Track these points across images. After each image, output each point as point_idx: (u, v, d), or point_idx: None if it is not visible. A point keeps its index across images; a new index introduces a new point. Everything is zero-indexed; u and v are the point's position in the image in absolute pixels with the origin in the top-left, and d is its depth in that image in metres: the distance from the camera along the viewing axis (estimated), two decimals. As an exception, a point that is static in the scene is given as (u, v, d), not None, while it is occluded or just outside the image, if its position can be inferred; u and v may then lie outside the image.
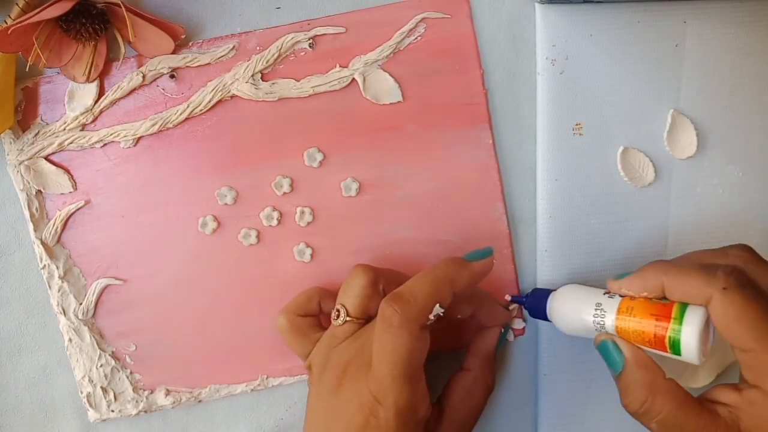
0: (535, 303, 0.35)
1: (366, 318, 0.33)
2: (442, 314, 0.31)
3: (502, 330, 0.38)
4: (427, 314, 0.30)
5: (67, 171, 0.37)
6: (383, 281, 0.33)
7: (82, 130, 0.37)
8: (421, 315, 0.30)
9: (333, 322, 0.33)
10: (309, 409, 0.33)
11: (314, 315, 0.36)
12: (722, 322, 0.28)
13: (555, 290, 0.35)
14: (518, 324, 0.39)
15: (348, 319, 0.33)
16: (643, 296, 0.31)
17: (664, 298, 0.30)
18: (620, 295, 0.32)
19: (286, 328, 0.35)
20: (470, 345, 0.37)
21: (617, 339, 0.31)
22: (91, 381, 0.38)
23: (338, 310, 0.33)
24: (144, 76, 0.36)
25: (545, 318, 0.35)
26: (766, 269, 0.30)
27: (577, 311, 0.33)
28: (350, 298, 0.33)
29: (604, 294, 0.32)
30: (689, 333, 0.29)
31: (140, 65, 0.37)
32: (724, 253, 0.31)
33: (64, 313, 0.38)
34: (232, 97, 0.37)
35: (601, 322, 0.32)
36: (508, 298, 0.38)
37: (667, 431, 0.30)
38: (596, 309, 0.32)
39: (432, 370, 0.33)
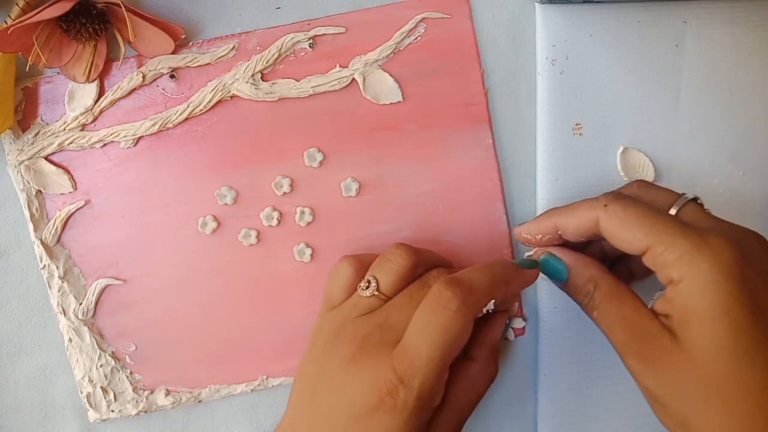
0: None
1: (391, 297, 0.33)
2: (491, 311, 0.31)
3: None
4: (482, 306, 0.30)
5: (67, 171, 0.37)
6: (423, 266, 0.33)
7: (82, 130, 0.37)
8: (477, 305, 0.30)
9: (360, 291, 0.33)
10: (300, 376, 0.32)
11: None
12: (612, 234, 0.30)
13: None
14: (518, 324, 0.39)
15: (376, 293, 0.32)
16: (539, 239, 0.34)
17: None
18: (522, 242, 0.35)
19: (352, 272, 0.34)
20: (475, 334, 0.36)
21: (554, 249, 0.33)
22: (91, 381, 0.38)
23: (369, 282, 0.33)
24: (144, 76, 0.36)
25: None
26: (657, 190, 0.32)
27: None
28: (387, 274, 0.33)
29: None
30: None
31: (140, 65, 0.37)
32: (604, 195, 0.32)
33: (64, 313, 0.38)
34: (232, 97, 0.37)
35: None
36: None
37: (611, 321, 0.30)
38: None
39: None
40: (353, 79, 0.37)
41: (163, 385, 0.38)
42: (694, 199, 0.32)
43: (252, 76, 0.37)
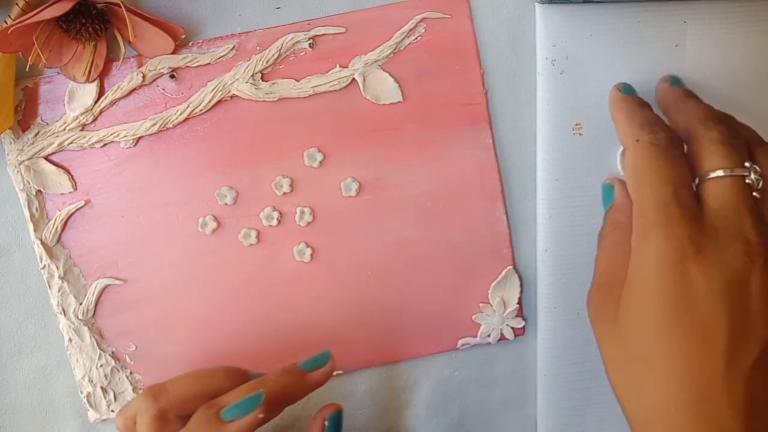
0: None
1: None
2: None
3: (327, 422, 0.34)
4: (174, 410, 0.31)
5: (67, 171, 0.37)
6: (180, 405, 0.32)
7: (82, 130, 0.37)
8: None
9: None
10: None
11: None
12: (626, 165, 0.32)
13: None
14: (518, 324, 0.39)
15: None
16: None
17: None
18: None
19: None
20: None
21: (617, 182, 0.36)
22: (91, 381, 0.38)
23: None
24: (144, 76, 0.36)
25: None
26: (718, 138, 0.31)
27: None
28: None
29: None
30: None
31: (140, 65, 0.37)
32: (721, 119, 0.32)
33: (64, 313, 0.38)
34: (232, 97, 0.37)
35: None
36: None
37: (604, 254, 0.34)
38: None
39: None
40: (353, 79, 0.37)
41: (163, 385, 0.38)
42: (744, 178, 0.30)
43: (252, 76, 0.37)
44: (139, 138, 0.37)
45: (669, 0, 0.37)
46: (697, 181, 0.31)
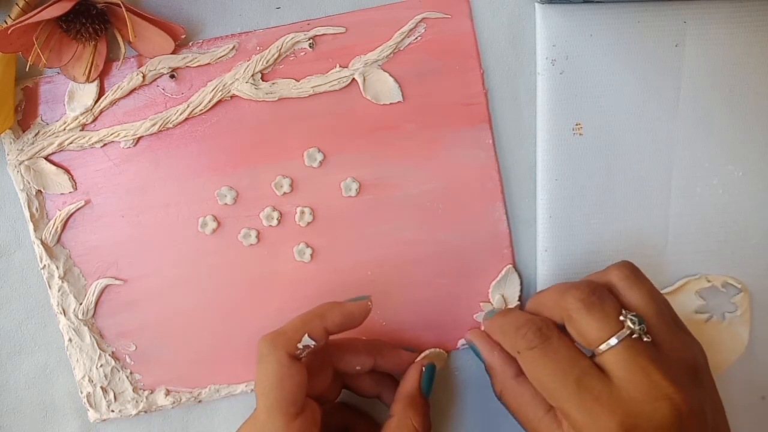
0: None
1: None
2: (312, 346, 0.32)
3: (424, 369, 0.36)
4: (294, 343, 0.31)
5: (67, 171, 0.37)
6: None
7: (82, 130, 0.37)
8: (288, 343, 0.31)
9: None
10: None
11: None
12: (528, 378, 0.32)
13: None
14: (518, 324, 0.39)
15: None
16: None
17: None
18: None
19: None
20: (392, 390, 0.37)
21: (475, 340, 0.37)
22: (91, 381, 0.38)
23: None
24: (144, 76, 0.36)
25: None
26: (632, 287, 0.32)
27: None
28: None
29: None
30: None
31: (140, 65, 0.37)
32: (568, 289, 0.32)
33: (64, 313, 0.38)
34: (232, 97, 0.37)
35: None
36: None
37: (519, 420, 0.33)
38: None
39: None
40: (353, 79, 0.37)
41: (163, 385, 0.38)
42: (631, 334, 0.30)
43: (252, 76, 0.37)
44: (139, 138, 0.37)
45: (669, 0, 0.37)
46: (594, 355, 0.31)
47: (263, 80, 0.37)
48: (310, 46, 0.37)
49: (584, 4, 0.37)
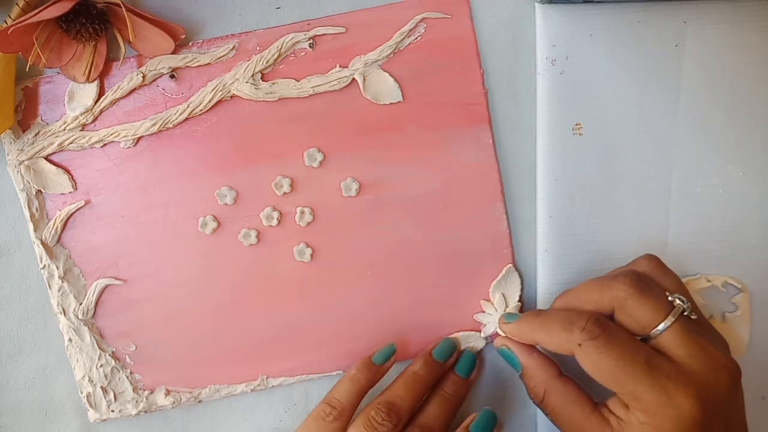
0: None
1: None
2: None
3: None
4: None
5: (67, 171, 0.37)
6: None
7: (82, 130, 0.37)
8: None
9: None
10: None
11: None
12: (588, 370, 0.32)
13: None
14: (518, 324, 0.39)
15: None
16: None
17: None
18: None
19: None
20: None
21: (511, 344, 0.36)
22: (91, 381, 0.38)
23: None
24: (144, 76, 0.36)
25: None
26: (664, 275, 0.34)
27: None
28: None
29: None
30: None
31: (140, 65, 0.37)
32: (612, 279, 0.33)
33: (64, 313, 0.38)
34: (232, 97, 0.37)
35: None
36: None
37: (561, 422, 0.33)
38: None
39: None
40: (353, 79, 0.37)
41: (163, 385, 0.38)
42: (682, 312, 0.32)
43: (252, 76, 0.37)
44: (139, 138, 0.37)
45: (669, 0, 0.37)
46: (648, 339, 0.32)
47: (263, 80, 0.37)
48: (310, 46, 0.37)
49: (584, 4, 0.37)
